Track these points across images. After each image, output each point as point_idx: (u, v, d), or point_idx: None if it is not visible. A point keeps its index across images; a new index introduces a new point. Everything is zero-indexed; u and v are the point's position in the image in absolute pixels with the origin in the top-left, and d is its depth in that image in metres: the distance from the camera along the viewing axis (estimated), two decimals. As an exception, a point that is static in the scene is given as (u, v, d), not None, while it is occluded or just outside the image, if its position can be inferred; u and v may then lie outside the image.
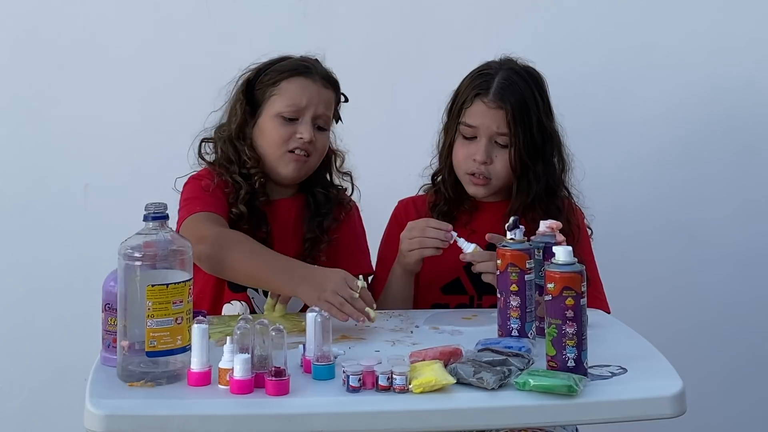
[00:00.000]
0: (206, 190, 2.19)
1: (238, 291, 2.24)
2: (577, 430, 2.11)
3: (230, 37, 2.85)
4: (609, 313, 2.23)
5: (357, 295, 1.89)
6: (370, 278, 2.31)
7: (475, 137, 2.25)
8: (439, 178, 2.36)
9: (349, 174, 2.38)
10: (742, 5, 2.91)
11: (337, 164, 2.37)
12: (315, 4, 2.89)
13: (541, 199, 2.26)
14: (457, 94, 2.31)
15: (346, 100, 2.35)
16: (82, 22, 2.87)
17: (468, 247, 2.08)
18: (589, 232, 2.36)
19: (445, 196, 2.33)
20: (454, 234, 2.10)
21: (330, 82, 2.27)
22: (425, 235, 2.11)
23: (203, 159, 2.30)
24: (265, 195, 2.26)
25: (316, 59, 2.30)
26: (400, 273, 2.22)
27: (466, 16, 2.89)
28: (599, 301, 2.24)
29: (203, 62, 2.83)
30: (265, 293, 2.20)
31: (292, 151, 2.22)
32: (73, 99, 2.87)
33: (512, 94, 2.23)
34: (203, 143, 2.31)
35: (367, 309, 1.89)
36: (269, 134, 2.23)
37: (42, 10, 2.86)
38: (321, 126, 2.25)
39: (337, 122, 2.34)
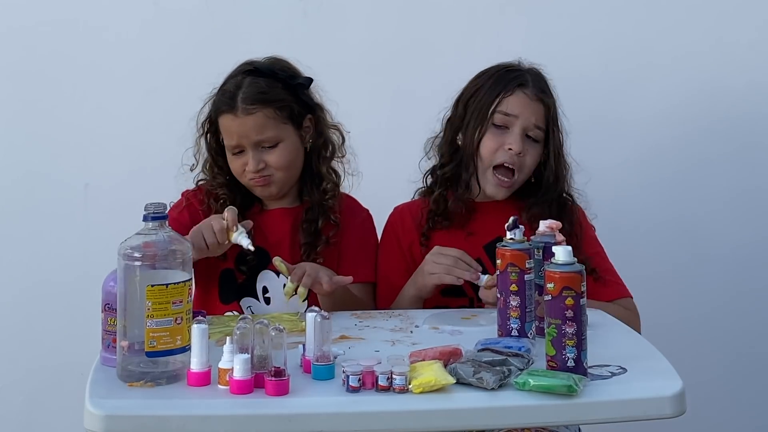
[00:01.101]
0: (173, 211, 2.23)
1: (229, 302, 2.24)
2: (579, 429, 2.11)
3: (230, 37, 2.85)
4: (631, 297, 2.26)
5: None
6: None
7: (507, 128, 2.25)
8: (440, 172, 2.33)
9: (340, 161, 2.33)
10: (742, 6, 2.90)
11: (328, 153, 2.31)
12: (315, 4, 2.89)
13: (551, 202, 2.27)
14: (478, 87, 2.29)
15: (306, 85, 2.24)
16: (82, 23, 2.87)
17: (482, 280, 2.09)
18: (593, 226, 2.36)
19: (443, 193, 2.31)
20: (483, 277, 2.09)
21: (257, 101, 2.18)
22: (454, 265, 2.11)
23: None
24: (260, 204, 2.30)
25: (241, 75, 2.22)
26: (412, 295, 2.21)
27: (466, 15, 2.89)
28: (621, 286, 2.28)
29: (203, 62, 2.82)
30: (267, 300, 2.22)
31: (252, 178, 2.23)
32: (73, 99, 2.87)
33: (548, 95, 2.28)
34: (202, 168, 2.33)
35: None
36: (231, 166, 2.25)
37: (42, 10, 2.86)
38: (266, 147, 2.21)
39: (305, 113, 2.26)
